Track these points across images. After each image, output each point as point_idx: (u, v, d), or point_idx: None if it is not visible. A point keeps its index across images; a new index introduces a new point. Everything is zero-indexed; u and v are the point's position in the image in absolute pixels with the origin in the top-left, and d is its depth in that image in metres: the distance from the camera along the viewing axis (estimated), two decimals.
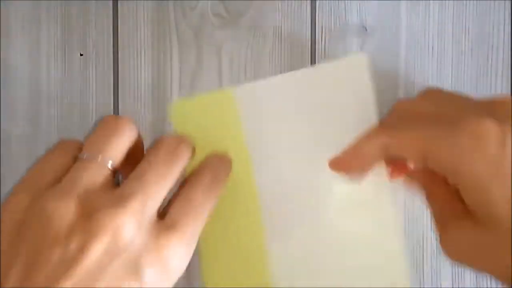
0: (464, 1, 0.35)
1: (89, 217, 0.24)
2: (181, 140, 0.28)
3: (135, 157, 0.27)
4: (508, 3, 0.35)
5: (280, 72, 0.35)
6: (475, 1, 0.35)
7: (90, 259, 0.23)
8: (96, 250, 0.23)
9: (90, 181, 0.25)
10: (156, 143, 0.28)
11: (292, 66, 0.35)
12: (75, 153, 0.27)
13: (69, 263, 0.23)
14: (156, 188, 0.26)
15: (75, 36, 0.35)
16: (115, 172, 0.26)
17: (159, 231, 0.25)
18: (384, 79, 0.35)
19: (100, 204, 0.24)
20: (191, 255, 0.26)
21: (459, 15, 0.35)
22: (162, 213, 0.26)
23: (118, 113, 0.35)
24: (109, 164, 0.26)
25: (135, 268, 0.24)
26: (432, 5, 0.35)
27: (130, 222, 0.24)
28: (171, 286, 0.26)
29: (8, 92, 0.35)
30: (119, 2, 0.35)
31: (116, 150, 0.26)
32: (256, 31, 0.35)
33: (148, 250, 0.25)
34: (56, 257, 0.23)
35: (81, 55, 0.35)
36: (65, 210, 0.24)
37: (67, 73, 0.35)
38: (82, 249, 0.23)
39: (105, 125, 0.27)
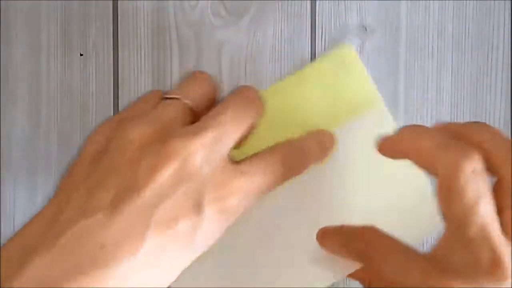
0: (464, 1, 0.35)
1: (163, 142, 0.25)
2: (258, 92, 0.29)
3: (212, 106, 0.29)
4: (508, 4, 0.35)
5: (280, 72, 0.35)
6: (475, 1, 0.35)
7: (156, 182, 0.24)
8: (163, 174, 0.24)
9: (169, 115, 0.27)
10: (235, 90, 0.29)
11: (292, 66, 0.35)
12: (160, 98, 0.30)
13: (134, 185, 0.24)
14: (230, 127, 0.26)
15: (75, 36, 0.35)
16: (195, 113, 0.28)
17: (229, 171, 0.26)
18: (384, 79, 0.35)
19: (175, 133, 0.25)
20: (247, 206, 0.26)
21: (459, 15, 0.35)
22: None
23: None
24: (189, 103, 0.28)
25: (197, 200, 0.24)
26: (432, 5, 0.35)
27: (200, 152, 0.25)
28: (225, 227, 0.26)
29: (8, 92, 0.35)
30: (119, 2, 0.35)
31: (195, 93, 0.29)
32: (256, 31, 0.35)
33: (214, 185, 0.25)
34: (124, 179, 0.24)
35: (81, 55, 0.35)
36: (140, 136, 0.25)
37: (67, 73, 0.35)
38: (150, 172, 0.24)
39: (188, 76, 0.31)
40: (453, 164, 0.23)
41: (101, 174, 0.25)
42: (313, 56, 0.35)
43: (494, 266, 0.22)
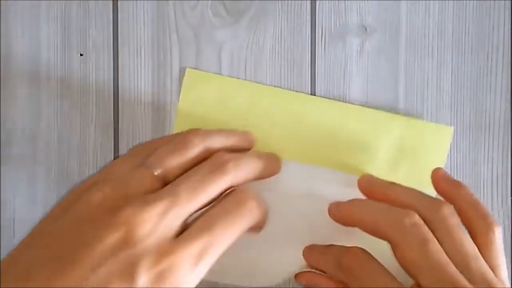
0: (464, 1, 0.35)
1: (116, 211, 0.25)
2: (226, 162, 0.28)
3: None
4: (508, 3, 0.35)
5: (280, 72, 0.35)
6: (475, 1, 0.35)
7: (96, 250, 0.24)
8: (104, 243, 0.24)
9: (138, 184, 0.27)
10: (205, 161, 0.28)
11: (292, 66, 0.35)
12: (143, 159, 0.28)
13: (72, 256, 0.24)
14: (185, 199, 0.26)
15: (75, 36, 0.35)
16: (166, 181, 0.27)
17: (170, 240, 0.25)
18: (384, 79, 0.35)
19: (130, 202, 0.25)
20: (198, 275, 0.26)
21: (459, 15, 0.35)
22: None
23: (117, 113, 0.35)
24: (159, 173, 0.27)
25: (132, 269, 0.24)
26: (432, 5, 0.35)
27: (146, 222, 0.25)
28: None
29: (8, 91, 0.35)
30: (119, 2, 0.35)
31: (170, 162, 0.28)
32: (256, 31, 0.35)
33: (154, 254, 0.25)
34: (62, 249, 0.24)
35: (81, 55, 0.35)
36: (99, 198, 0.26)
37: (67, 73, 0.35)
38: (92, 240, 0.24)
39: (174, 139, 0.29)
40: (396, 222, 0.27)
41: (45, 244, 0.25)
42: (313, 56, 0.35)
43: None
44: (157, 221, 0.25)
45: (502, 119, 0.35)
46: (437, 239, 0.27)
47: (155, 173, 0.27)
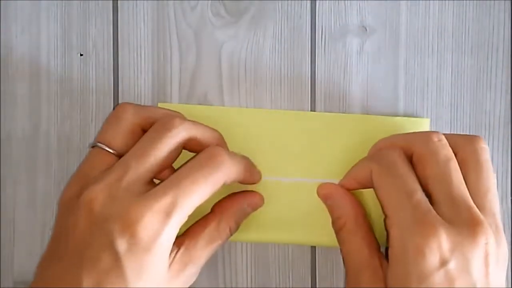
0: (464, 1, 0.35)
1: (79, 196, 0.27)
2: (171, 119, 0.29)
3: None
4: (508, 3, 0.35)
5: (280, 73, 0.35)
6: (475, 1, 0.35)
7: (74, 235, 0.26)
8: (78, 225, 0.26)
9: (94, 166, 0.28)
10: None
11: (292, 66, 0.35)
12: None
13: (63, 245, 0.26)
14: (133, 162, 0.27)
15: (75, 36, 0.35)
16: (120, 156, 0.28)
17: (132, 200, 0.26)
18: (384, 79, 0.35)
19: (89, 182, 0.27)
20: (172, 230, 0.26)
21: (459, 15, 0.35)
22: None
23: None
24: (107, 149, 0.29)
25: (108, 239, 0.25)
26: (432, 5, 0.35)
27: (101, 194, 0.26)
28: (154, 260, 0.26)
29: (8, 91, 0.35)
30: (119, 2, 0.35)
31: (112, 137, 0.29)
32: (256, 31, 0.35)
33: (120, 220, 0.25)
34: (57, 242, 0.27)
35: (81, 55, 0.35)
36: (66, 195, 0.28)
37: (67, 73, 0.35)
38: (71, 228, 0.26)
39: (109, 115, 0.30)
40: (425, 138, 0.29)
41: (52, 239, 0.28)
42: (313, 56, 0.35)
43: (473, 222, 0.26)
44: (114, 188, 0.26)
45: (502, 119, 0.35)
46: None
47: (109, 150, 0.28)
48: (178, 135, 0.28)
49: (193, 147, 0.29)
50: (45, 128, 0.35)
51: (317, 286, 0.34)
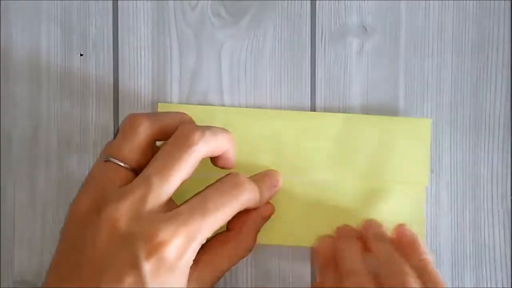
0: (464, 1, 0.35)
1: (99, 212, 0.26)
2: (191, 132, 0.28)
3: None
4: (508, 3, 0.35)
5: (280, 72, 0.35)
6: (475, 1, 0.35)
7: (94, 252, 0.25)
8: (99, 242, 0.25)
9: (105, 180, 0.27)
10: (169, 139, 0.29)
11: (292, 66, 0.35)
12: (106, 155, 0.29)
13: (79, 258, 0.26)
14: (158, 181, 0.26)
15: (75, 36, 0.35)
16: (134, 170, 0.28)
17: (159, 221, 0.26)
18: (384, 79, 0.35)
19: (108, 199, 0.26)
20: (194, 250, 0.26)
21: (459, 15, 0.35)
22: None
23: (117, 113, 0.35)
24: (123, 164, 0.28)
25: (133, 259, 0.25)
26: (432, 5, 0.35)
27: (127, 213, 0.25)
28: (180, 275, 0.26)
29: (8, 92, 0.35)
30: (119, 2, 0.35)
31: (128, 151, 0.28)
32: (256, 31, 0.35)
33: (144, 239, 0.25)
34: (72, 255, 0.26)
35: (81, 55, 0.35)
36: (80, 208, 0.27)
37: (67, 73, 0.35)
38: (90, 243, 0.25)
39: (121, 127, 0.29)
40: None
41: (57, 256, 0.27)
42: (313, 56, 0.35)
43: None
44: (139, 207, 0.26)
45: (502, 119, 0.35)
46: None
47: (123, 165, 0.28)
48: (200, 151, 0.28)
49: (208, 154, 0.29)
50: (45, 128, 0.35)
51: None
